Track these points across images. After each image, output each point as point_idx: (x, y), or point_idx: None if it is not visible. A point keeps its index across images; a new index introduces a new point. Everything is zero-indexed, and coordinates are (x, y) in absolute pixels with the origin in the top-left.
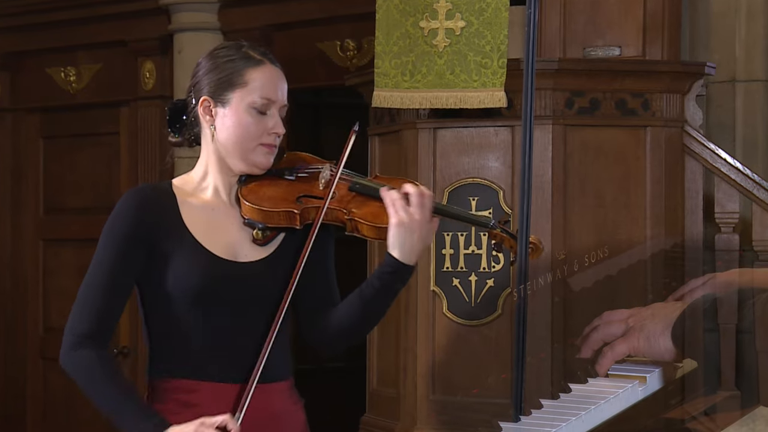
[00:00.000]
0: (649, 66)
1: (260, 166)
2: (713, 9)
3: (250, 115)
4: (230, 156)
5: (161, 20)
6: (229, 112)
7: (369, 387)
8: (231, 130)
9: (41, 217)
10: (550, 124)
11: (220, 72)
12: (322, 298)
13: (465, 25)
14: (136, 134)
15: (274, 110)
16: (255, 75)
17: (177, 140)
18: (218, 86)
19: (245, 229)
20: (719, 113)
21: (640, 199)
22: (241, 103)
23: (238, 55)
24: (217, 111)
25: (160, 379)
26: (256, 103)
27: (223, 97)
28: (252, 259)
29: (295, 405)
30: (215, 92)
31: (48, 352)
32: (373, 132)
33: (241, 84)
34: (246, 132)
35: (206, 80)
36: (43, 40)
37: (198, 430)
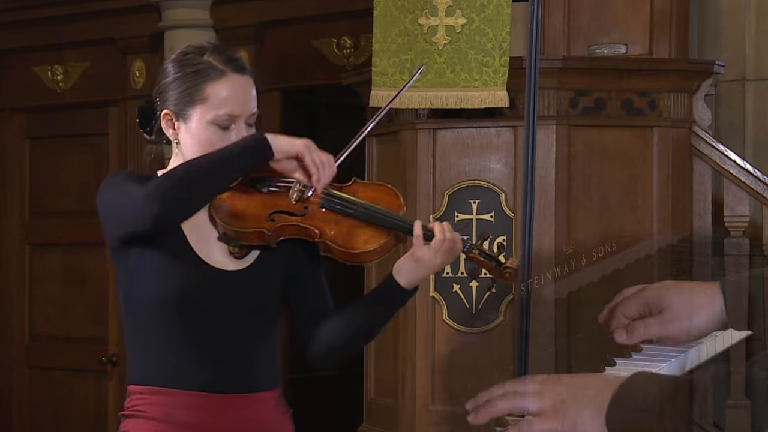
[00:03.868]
0: (656, 64)
1: None
2: (722, 5)
3: (212, 131)
4: None
5: (151, 17)
6: (192, 127)
7: (366, 396)
8: (194, 147)
9: (27, 220)
10: (553, 124)
11: (181, 85)
12: (315, 310)
13: (466, 22)
14: (125, 135)
15: (240, 123)
16: (216, 89)
17: (152, 139)
18: (179, 101)
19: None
20: (728, 113)
21: (646, 202)
22: (202, 120)
23: (201, 65)
24: (179, 126)
25: (138, 384)
26: (218, 120)
27: (185, 112)
28: (231, 269)
29: (283, 415)
30: (176, 107)
31: (34, 361)
32: (371, 133)
33: (200, 100)
34: (209, 149)
35: (169, 92)
36: (29, 37)
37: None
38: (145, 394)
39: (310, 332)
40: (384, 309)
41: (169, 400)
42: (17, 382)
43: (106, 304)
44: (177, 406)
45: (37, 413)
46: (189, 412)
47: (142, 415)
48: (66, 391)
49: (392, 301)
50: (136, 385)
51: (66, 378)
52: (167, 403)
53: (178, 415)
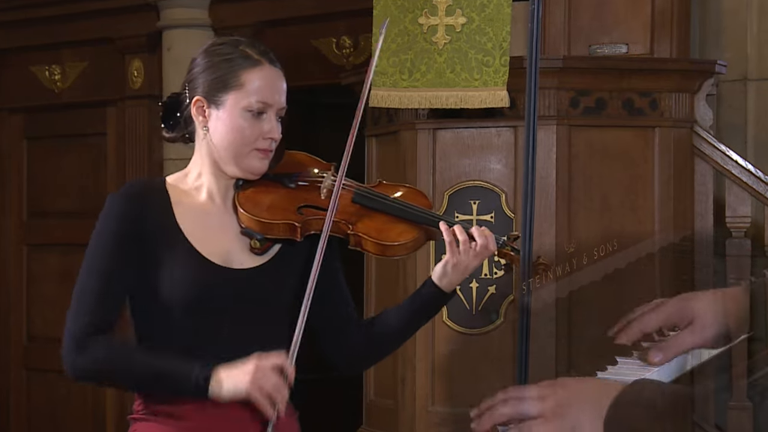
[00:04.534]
0: (657, 64)
1: (254, 172)
2: (724, 5)
3: (244, 118)
4: (223, 160)
5: (150, 17)
6: (223, 114)
7: (366, 398)
8: (224, 134)
9: (25, 221)
10: (554, 124)
11: (215, 71)
12: (340, 315)
13: (466, 22)
14: (123, 135)
15: (271, 114)
16: (251, 76)
17: (171, 136)
18: (212, 86)
19: (242, 236)
20: (730, 113)
21: (647, 203)
22: (236, 106)
23: (235, 54)
24: (210, 112)
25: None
26: (252, 107)
27: (217, 98)
28: (247, 266)
29: (290, 417)
30: (209, 92)
31: (32, 362)
32: (371, 133)
33: (236, 86)
34: (240, 136)
35: (201, 79)
36: (27, 37)
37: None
38: (153, 396)
39: (333, 338)
40: (424, 314)
41: (175, 401)
42: (15, 384)
43: None
44: (183, 408)
45: (35, 415)
46: (197, 414)
47: (150, 418)
48: (64, 392)
49: (432, 306)
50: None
51: (64, 380)
52: (174, 406)
53: (184, 417)
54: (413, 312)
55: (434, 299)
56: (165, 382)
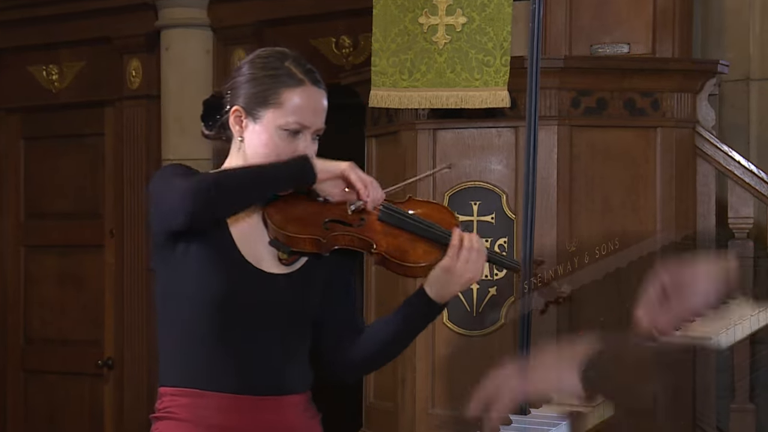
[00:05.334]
0: (659, 64)
1: None
2: (726, 5)
3: (279, 137)
4: None
5: (148, 16)
6: (260, 128)
7: (365, 400)
8: (258, 148)
9: (22, 222)
10: (555, 124)
11: (257, 85)
12: (346, 322)
13: (466, 21)
14: (121, 136)
15: (307, 134)
16: (292, 96)
17: (209, 134)
18: (252, 100)
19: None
20: (733, 113)
21: (649, 204)
22: (273, 123)
23: (280, 70)
24: (247, 124)
25: (171, 386)
26: (288, 126)
27: (256, 112)
28: (279, 272)
29: (311, 419)
30: (248, 105)
31: (29, 364)
32: (370, 133)
33: (275, 104)
34: (273, 153)
35: (242, 90)
36: (24, 36)
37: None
38: (177, 395)
39: (338, 346)
40: (413, 324)
41: (200, 402)
42: (12, 386)
43: (102, 306)
44: (208, 408)
45: (32, 417)
46: (220, 415)
47: (173, 416)
48: (62, 394)
49: (421, 315)
50: (168, 387)
51: (62, 381)
52: (199, 405)
53: (209, 417)
54: (401, 322)
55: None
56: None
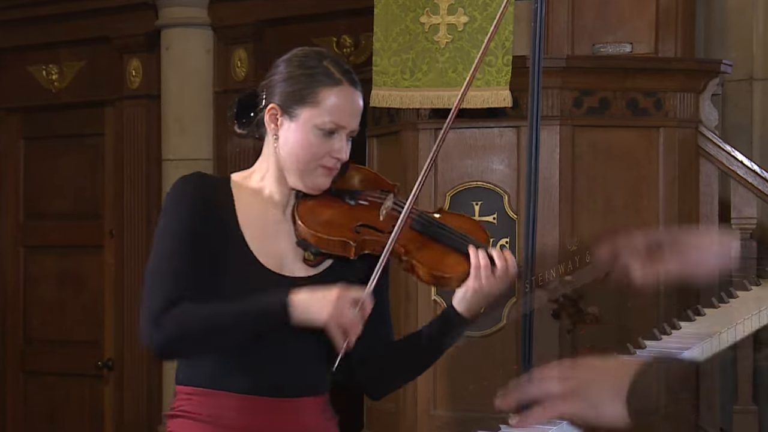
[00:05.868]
0: (661, 63)
1: (316, 189)
2: (729, 4)
3: (315, 135)
4: (289, 171)
5: (148, 15)
6: (295, 126)
7: (366, 402)
8: (293, 146)
9: (22, 222)
10: (557, 124)
11: (295, 84)
12: (376, 333)
13: (468, 21)
14: (121, 135)
15: (342, 134)
16: (329, 95)
17: (241, 132)
18: (289, 98)
19: (296, 246)
20: (736, 113)
21: (652, 204)
22: (309, 122)
23: (318, 69)
24: (282, 122)
25: (185, 385)
26: (324, 126)
27: (292, 110)
28: (298, 275)
29: (328, 421)
30: (285, 103)
31: (29, 365)
32: (372, 133)
33: (312, 102)
34: (308, 152)
35: (279, 88)
36: (24, 36)
37: (339, 305)
38: (192, 394)
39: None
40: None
41: (215, 401)
42: (12, 387)
43: (102, 307)
44: (223, 408)
45: (32, 418)
46: (235, 414)
47: (188, 415)
48: (62, 395)
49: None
50: (183, 386)
51: (62, 382)
52: (213, 404)
53: (224, 417)
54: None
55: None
56: (245, 320)
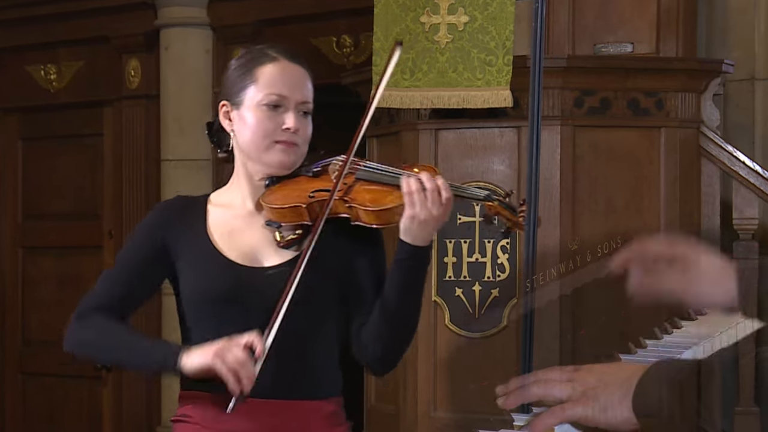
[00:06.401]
0: (663, 63)
1: (278, 165)
2: (731, 3)
3: (262, 111)
4: (250, 159)
5: (147, 15)
6: (243, 112)
7: (366, 403)
8: (246, 130)
9: (20, 223)
10: (558, 124)
11: (236, 75)
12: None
13: (468, 20)
14: (120, 136)
15: (290, 106)
16: (265, 71)
17: (223, 156)
18: (233, 89)
19: (268, 233)
20: (737, 113)
21: (653, 205)
22: (253, 101)
23: (254, 55)
24: (233, 114)
25: (186, 389)
26: (267, 99)
27: (238, 98)
28: (275, 263)
29: (334, 427)
30: (231, 95)
31: (27, 367)
32: (372, 133)
33: (252, 82)
34: (259, 130)
35: (225, 86)
36: (22, 36)
37: (225, 346)
38: (190, 398)
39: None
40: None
41: (210, 404)
42: (10, 388)
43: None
44: (218, 411)
45: (31, 420)
46: (233, 417)
47: (189, 420)
48: (60, 397)
49: (413, 266)
50: (185, 390)
51: (60, 384)
52: (208, 407)
53: (219, 421)
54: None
55: (409, 257)
56: (136, 359)
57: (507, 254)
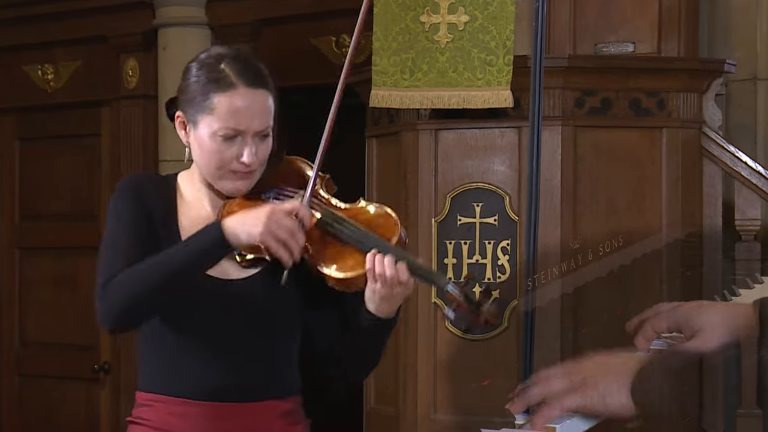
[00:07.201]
0: (664, 63)
1: (231, 192)
2: (733, 3)
3: (217, 142)
4: (206, 176)
5: (145, 14)
6: (199, 135)
7: (366, 405)
8: (201, 155)
9: (17, 224)
10: (559, 125)
11: (192, 92)
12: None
13: (469, 20)
14: (118, 136)
15: (246, 137)
16: (223, 102)
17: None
18: (189, 106)
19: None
20: (740, 113)
21: (655, 205)
22: (209, 129)
23: (212, 75)
24: (189, 130)
25: (142, 391)
26: (222, 131)
27: (194, 118)
28: (239, 277)
29: (291, 426)
30: (187, 112)
31: (25, 368)
32: (371, 134)
33: (208, 110)
34: (214, 159)
35: (182, 96)
36: (19, 35)
37: (273, 218)
38: (147, 401)
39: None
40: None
41: (168, 408)
42: (7, 390)
43: None
44: (175, 415)
45: (28, 422)
46: (187, 421)
47: (143, 422)
48: (58, 399)
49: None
50: (141, 392)
51: (57, 386)
52: (166, 411)
53: (176, 424)
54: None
55: (372, 323)
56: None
57: (507, 256)
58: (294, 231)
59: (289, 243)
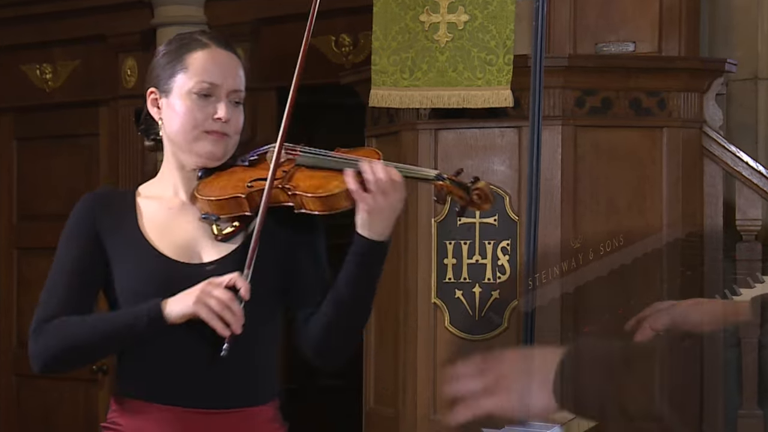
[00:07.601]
0: (665, 63)
1: (208, 156)
2: (734, 2)
3: (191, 100)
4: (179, 149)
5: (143, 14)
6: (172, 100)
7: (365, 406)
8: (174, 119)
9: (15, 224)
10: (559, 124)
11: (164, 61)
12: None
13: (468, 19)
14: (116, 136)
15: (220, 95)
16: (196, 57)
17: (150, 145)
18: (162, 76)
19: (204, 226)
20: (741, 113)
21: (655, 205)
22: (183, 89)
23: (184, 41)
24: (162, 102)
25: (117, 396)
26: (197, 87)
27: (167, 85)
28: (212, 258)
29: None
30: (159, 82)
31: (22, 369)
32: (371, 133)
33: (182, 69)
34: (189, 119)
35: (153, 72)
36: (17, 35)
37: (205, 290)
38: (122, 406)
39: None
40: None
41: (142, 413)
42: (5, 391)
43: (96, 310)
44: (149, 421)
45: (26, 423)
46: (161, 427)
47: (117, 428)
48: (55, 400)
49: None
50: (116, 397)
51: (55, 387)
52: (140, 416)
53: (151, 430)
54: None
55: (367, 251)
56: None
57: (507, 256)
58: (227, 302)
59: (223, 314)
